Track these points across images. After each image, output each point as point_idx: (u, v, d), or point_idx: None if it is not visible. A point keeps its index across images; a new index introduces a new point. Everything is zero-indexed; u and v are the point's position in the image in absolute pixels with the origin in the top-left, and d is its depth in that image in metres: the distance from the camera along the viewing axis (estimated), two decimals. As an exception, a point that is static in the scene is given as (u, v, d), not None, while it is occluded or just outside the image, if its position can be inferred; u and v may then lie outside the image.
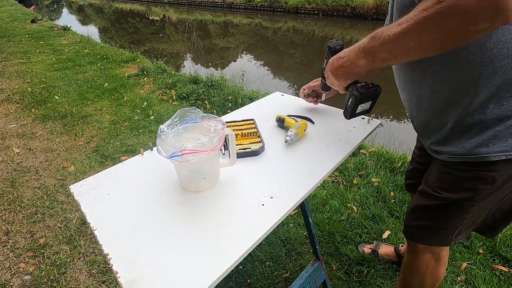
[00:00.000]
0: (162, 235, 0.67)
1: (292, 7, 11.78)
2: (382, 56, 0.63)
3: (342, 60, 0.73)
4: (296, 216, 1.79)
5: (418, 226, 0.91)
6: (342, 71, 0.74)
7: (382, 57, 0.63)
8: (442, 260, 0.93)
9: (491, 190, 0.74)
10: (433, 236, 0.88)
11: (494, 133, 0.68)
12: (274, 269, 1.49)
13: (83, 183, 0.83)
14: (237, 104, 3.18)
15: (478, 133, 0.70)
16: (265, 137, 1.00)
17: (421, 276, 0.96)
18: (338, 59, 0.74)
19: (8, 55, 5.14)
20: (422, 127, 0.85)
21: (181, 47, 8.73)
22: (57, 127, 2.82)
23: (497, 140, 0.68)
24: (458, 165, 0.76)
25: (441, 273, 0.96)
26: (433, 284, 0.98)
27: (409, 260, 1.00)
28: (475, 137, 0.71)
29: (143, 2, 19.17)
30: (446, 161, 0.79)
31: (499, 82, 0.64)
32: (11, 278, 1.46)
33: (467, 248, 1.54)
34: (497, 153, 0.69)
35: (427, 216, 0.87)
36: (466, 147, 0.73)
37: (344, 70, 0.73)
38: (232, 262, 0.60)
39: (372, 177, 2.06)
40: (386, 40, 0.60)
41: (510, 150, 0.67)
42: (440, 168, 0.82)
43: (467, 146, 0.73)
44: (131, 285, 0.57)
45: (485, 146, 0.70)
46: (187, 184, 0.80)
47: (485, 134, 0.69)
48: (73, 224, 1.74)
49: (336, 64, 0.75)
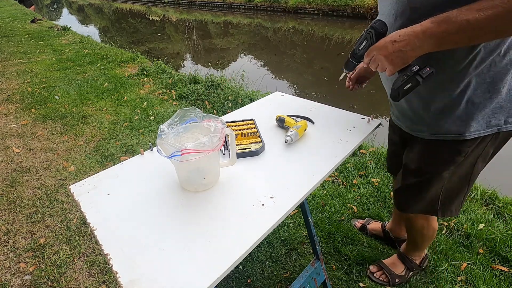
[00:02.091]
0: (162, 235, 0.67)
1: (292, 7, 11.77)
2: (456, 39, 0.66)
3: (399, 44, 0.71)
4: (296, 216, 1.79)
5: (408, 200, 1.07)
6: (399, 55, 0.72)
7: (456, 40, 0.66)
8: (433, 219, 1.16)
9: (463, 160, 0.91)
10: (422, 206, 1.05)
11: (471, 116, 0.82)
12: (274, 269, 1.49)
13: (83, 183, 0.83)
14: (237, 104, 3.18)
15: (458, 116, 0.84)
16: (265, 137, 1.00)
17: (421, 233, 1.22)
18: (393, 43, 0.72)
19: (8, 55, 5.14)
20: (407, 111, 0.95)
21: (181, 47, 8.73)
22: (57, 127, 2.82)
23: (472, 122, 0.83)
24: (439, 142, 0.90)
25: (435, 226, 1.20)
26: (432, 235, 1.23)
27: (408, 224, 1.26)
28: (454, 119, 0.84)
29: (143, 2, 19.16)
30: (427, 139, 0.92)
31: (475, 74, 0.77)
32: (11, 278, 1.46)
33: (467, 248, 1.54)
34: (473, 132, 0.84)
35: (415, 189, 1.03)
36: (447, 127, 0.86)
37: (402, 55, 0.72)
38: (232, 262, 0.60)
39: (372, 177, 2.06)
40: (465, 24, 0.63)
41: (481, 129, 0.84)
42: (423, 146, 0.95)
43: (448, 126, 0.86)
44: (131, 285, 0.57)
45: (464, 127, 0.84)
46: (187, 184, 0.80)
47: (464, 116, 0.83)
48: (73, 224, 1.74)
49: (391, 48, 0.73)
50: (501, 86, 0.78)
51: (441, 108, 0.85)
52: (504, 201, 1.81)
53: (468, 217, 1.70)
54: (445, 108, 0.84)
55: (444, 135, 0.88)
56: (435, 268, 1.43)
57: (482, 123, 0.83)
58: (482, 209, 1.78)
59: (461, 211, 1.74)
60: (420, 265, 1.39)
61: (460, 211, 1.69)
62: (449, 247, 1.53)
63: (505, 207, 1.76)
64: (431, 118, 0.89)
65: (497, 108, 0.81)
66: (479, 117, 0.82)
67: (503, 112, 0.81)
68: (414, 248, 1.36)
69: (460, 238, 1.59)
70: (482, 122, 0.83)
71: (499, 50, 0.75)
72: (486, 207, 1.81)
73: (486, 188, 1.93)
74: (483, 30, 0.63)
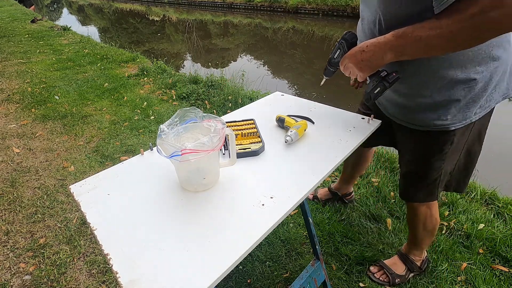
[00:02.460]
0: (162, 235, 0.67)
1: (292, 7, 11.77)
2: (410, 52, 0.76)
3: (366, 54, 0.83)
4: (296, 216, 1.79)
5: (411, 189, 1.16)
6: (366, 64, 0.84)
7: (410, 53, 0.76)
8: (434, 207, 1.20)
9: (452, 148, 1.01)
10: (424, 194, 1.13)
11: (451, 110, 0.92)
12: (274, 269, 1.49)
13: (83, 183, 0.83)
14: (237, 104, 3.18)
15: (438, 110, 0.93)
16: (265, 137, 1.00)
17: (423, 223, 1.23)
18: (362, 52, 0.83)
19: (8, 55, 5.14)
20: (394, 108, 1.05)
21: (181, 47, 8.73)
22: (57, 127, 2.82)
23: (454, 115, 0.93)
24: (428, 133, 0.99)
25: (437, 216, 1.24)
26: (434, 227, 1.26)
27: (411, 215, 1.26)
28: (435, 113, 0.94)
29: (143, 2, 19.16)
30: (418, 130, 1.01)
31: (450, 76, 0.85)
32: (11, 278, 1.46)
33: (467, 248, 1.54)
34: (455, 124, 0.94)
35: (415, 179, 1.12)
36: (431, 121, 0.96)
37: (369, 64, 0.83)
38: (232, 262, 0.60)
39: (372, 177, 2.06)
40: (417, 40, 0.72)
41: (463, 120, 0.93)
42: (415, 138, 1.04)
43: (431, 120, 0.95)
44: (131, 285, 0.57)
45: (444, 120, 0.94)
46: (187, 184, 0.80)
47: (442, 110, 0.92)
48: (73, 224, 1.74)
49: (360, 57, 0.84)
50: (474, 84, 0.87)
51: (424, 105, 0.94)
52: (504, 201, 1.81)
53: (468, 217, 1.70)
54: (428, 105, 0.94)
55: (430, 127, 0.98)
56: (435, 268, 1.43)
57: (459, 116, 0.93)
58: (482, 209, 1.78)
59: (461, 211, 1.75)
60: (421, 267, 1.39)
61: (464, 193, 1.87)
62: (449, 247, 1.53)
63: (505, 207, 1.76)
64: (417, 112, 0.98)
65: (470, 102, 0.91)
66: (456, 111, 0.92)
67: (475, 105, 0.92)
68: (415, 244, 1.36)
69: (460, 238, 1.59)
70: (460, 115, 0.93)
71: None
72: (486, 207, 1.81)
73: (486, 188, 1.93)
74: (432, 45, 0.72)
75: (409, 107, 0.99)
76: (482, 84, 0.87)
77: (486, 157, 2.76)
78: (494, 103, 0.94)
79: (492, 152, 2.92)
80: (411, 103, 0.97)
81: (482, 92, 0.89)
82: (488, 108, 0.94)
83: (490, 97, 0.91)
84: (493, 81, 0.88)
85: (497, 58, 0.85)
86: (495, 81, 0.89)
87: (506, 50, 0.86)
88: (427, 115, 0.95)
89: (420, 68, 0.88)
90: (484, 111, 0.94)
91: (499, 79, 0.89)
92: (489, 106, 0.94)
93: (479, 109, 0.93)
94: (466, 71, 0.84)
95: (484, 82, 0.87)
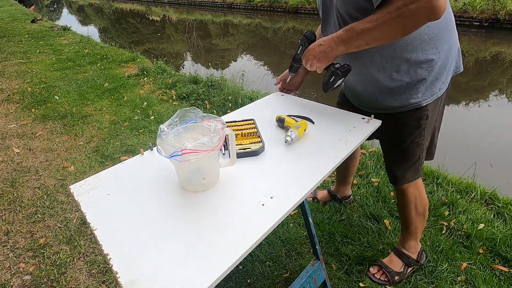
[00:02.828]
0: (162, 235, 0.67)
1: (292, 7, 11.76)
2: (357, 44, 0.89)
3: (323, 47, 0.96)
4: (296, 216, 1.79)
5: (398, 172, 1.23)
6: (323, 55, 0.97)
7: (357, 44, 0.89)
8: (421, 187, 1.28)
9: (428, 123, 1.11)
10: (410, 173, 1.22)
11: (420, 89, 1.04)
12: (274, 269, 1.49)
13: (83, 183, 0.83)
14: (237, 104, 3.18)
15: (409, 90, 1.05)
16: (265, 137, 1.00)
17: (414, 205, 1.29)
18: (319, 46, 0.97)
19: (8, 55, 5.14)
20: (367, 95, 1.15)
21: (181, 47, 8.73)
22: (57, 127, 2.82)
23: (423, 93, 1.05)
24: (404, 113, 1.09)
25: (425, 197, 1.31)
26: (424, 208, 1.31)
27: (402, 200, 1.31)
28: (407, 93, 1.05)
29: (143, 2, 19.16)
30: (393, 113, 1.11)
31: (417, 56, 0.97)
32: (11, 278, 1.46)
33: (467, 248, 1.54)
34: (426, 100, 1.06)
35: (401, 160, 1.20)
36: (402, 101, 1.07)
37: (325, 55, 0.96)
38: (232, 262, 0.60)
39: (372, 177, 2.06)
40: (360, 32, 0.86)
41: (431, 96, 1.06)
42: (393, 122, 1.12)
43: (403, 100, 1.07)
44: (131, 285, 0.57)
45: (416, 98, 1.06)
46: (187, 184, 0.80)
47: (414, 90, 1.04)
48: (73, 224, 1.74)
49: (318, 50, 0.97)
50: (434, 63, 0.99)
51: (398, 88, 1.05)
52: (504, 201, 1.81)
53: (468, 217, 1.70)
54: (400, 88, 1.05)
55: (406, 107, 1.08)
56: (435, 268, 1.43)
57: (428, 93, 1.05)
58: (482, 209, 1.78)
59: (461, 211, 1.75)
60: (418, 260, 1.40)
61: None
62: (449, 247, 1.53)
63: (505, 207, 1.76)
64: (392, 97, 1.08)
65: (434, 80, 1.03)
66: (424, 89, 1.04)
67: (439, 81, 1.04)
68: (409, 232, 1.37)
69: (460, 238, 1.59)
70: (428, 92, 1.05)
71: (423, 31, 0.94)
72: (486, 207, 1.81)
73: (486, 188, 1.93)
74: (372, 36, 0.86)
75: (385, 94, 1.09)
76: (440, 63, 1.01)
77: (486, 157, 2.78)
78: (449, 78, 1.09)
79: (492, 152, 2.93)
80: (384, 90, 1.08)
81: (442, 70, 1.03)
82: (447, 83, 1.08)
83: (448, 73, 1.07)
84: (449, 59, 1.03)
85: (448, 40, 1.00)
86: (451, 59, 1.04)
87: (454, 33, 1.03)
88: (402, 97, 1.07)
89: (389, 55, 1.00)
90: (445, 85, 1.08)
91: (452, 57, 1.05)
92: (447, 81, 1.08)
93: (442, 85, 1.07)
94: (426, 52, 0.98)
95: (441, 61, 1.01)
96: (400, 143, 1.17)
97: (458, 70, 1.11)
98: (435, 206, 1.78)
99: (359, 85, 1.16)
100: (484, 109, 4.09)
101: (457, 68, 1.10)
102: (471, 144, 3.18)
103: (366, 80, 1.10)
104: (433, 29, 0.94)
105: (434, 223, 1.68)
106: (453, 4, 8.32)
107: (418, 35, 0.94)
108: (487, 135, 3.35)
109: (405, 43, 0.96)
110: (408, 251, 1.40)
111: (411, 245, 1.39)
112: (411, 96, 1.06)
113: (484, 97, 4.42)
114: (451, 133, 3.39)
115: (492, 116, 3.86)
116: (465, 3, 8.14)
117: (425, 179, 2.02)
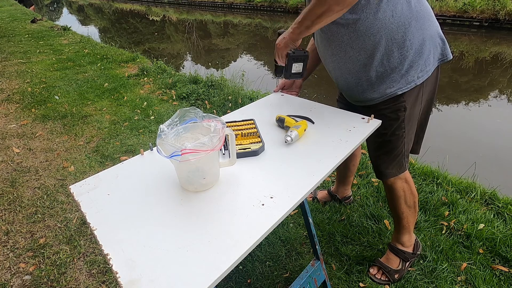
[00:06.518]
0: (162, 235, 0.67)
1: (292, 7, 11.76)
2: (305, 24, 0.98)
3: (285, 39, 1.08)
4: (296, 216, 1.79)
5: (382, 166, 1.24)
6: (283, 42, 1.08)
7: (306, 24, 0.98)
8: (409, 180, 1.29)
9: (408, 115, 1.12)
10: (394, 168, 1.23)
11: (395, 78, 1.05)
12: (274, 269, 1.49)
13: (83, 183, 0.83)
14: (237, 104, 3.18)
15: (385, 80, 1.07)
16: (265, 137, 1.00)
17: (403, 199, 1.29)
18: (283, 38, 1.09)
19: (8, 55, 5.14)
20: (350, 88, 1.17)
21: (181, 47, 8.73)
22: (57, 127, 2.82)
23: (398, 81, 1.06)
24: (382, 104, 1.12)
25: (415, 190, 1.31)
26: (414, 201, 1.32)
27: (391, 195, 1.31)
28: (384, 84, 1.07)
29: (143, 2, 19.16)
30: (374, 105, 1.14)
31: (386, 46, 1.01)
32: (11, 278, 1.46)
33: (467, 248, 1.54)
34: (401, 88, 1.06)
35: (383, 154, 1.21)
36: (381, 91, 1.09)
37: (285, 41, 1.07)
38: (232, 262, 0.60)
39: (372, 177, 2.06)
40: (304, 18, 0.97)
41: (407, 84, 1.06)
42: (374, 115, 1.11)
43: (381, 90, 1.09)
44: (131, 285, 0.57)
45: (392, 87, 1.07)
46: (187, 184, 0.80)
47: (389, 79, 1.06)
48: (73, 224, 1.74)
49: (280, 39, 1.09)
50: (406, 51, 1.01)
51: (375, 79, 1.08)
52: (504, 201, 1.81)
53: (468, 217, 1.70)
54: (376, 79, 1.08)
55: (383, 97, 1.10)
56: (435, 268, 1.43)
57: (403, 82, 1.06)
58: (482, 209, 1.78)
59: (461, 211, 1.75)
60: (414, 252, 1.40)
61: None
62: (449, 247, 1.53)
63: (505, 207, 1.76)
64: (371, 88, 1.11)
65: (409, 68, 1.04)
66: (399, 77, 1.05)
67: (415, 69, 1.05)
68: (402, 227, 1.36)
69: (460, 238, 1.59)
70: (403, 81, 1.06)
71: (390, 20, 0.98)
72: (486, 207, 1.81)
73: (486, 188, 1.93)
74: (310, 19, 0.95)
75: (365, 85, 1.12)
76: (413, 50, 1.02)
77: (486, 157, 2.78)
78: (432, 66, 1.07)
79: (492, 152, 2.93)
80: (363, 82, 1.11)
81: (416, 57, 1.03)
82: (428, 71, 1.06)
83: (427, 62, 1.05)
84: (424, 46, 1.03)
85: (421, 27, 1.00)
86: (428, 47, 1.03)
87: (428, 21, 1.03)
88: (380, 88, 1.09)
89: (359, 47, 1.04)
90: (426, 74, 1.07)
91: (429, 45, 1.04)
92: (429, 70, 1.07)
93: (420, 73, 1.06)
94: (395, 41, 1.00)
95: (415, 49, 1.02)
96: (381, 135, 1.17)
97: (446, 58, 1.09)
98: (435, 206, 1.78)
99: (342, 79, 1.18)
100: (484, 109, 4.09)
101: (444, 56, 1.09)
102: (471, 144, 3.18)
103: (346, 73, 1.13)
104: (399, 18, 0.98)
105: (434, 223, 1.68)
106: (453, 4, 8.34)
107: (384, 25, 0.98)
108: (487, 135, 3.35)
109: (372, 33, 1.00)
110: (403, 245, 1.40)
111: (405, 239, 1.39)
112: (388, 86, 1.07)
113: (484, 97, 4.42)
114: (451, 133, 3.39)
115: (492, 116, 3.86)
116: (465, 3, 8.15)
117: (425, 179, 2.03)
